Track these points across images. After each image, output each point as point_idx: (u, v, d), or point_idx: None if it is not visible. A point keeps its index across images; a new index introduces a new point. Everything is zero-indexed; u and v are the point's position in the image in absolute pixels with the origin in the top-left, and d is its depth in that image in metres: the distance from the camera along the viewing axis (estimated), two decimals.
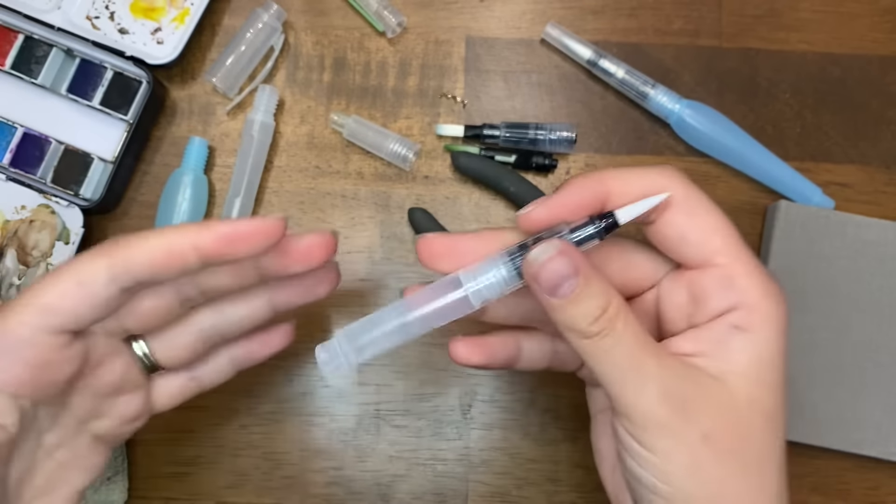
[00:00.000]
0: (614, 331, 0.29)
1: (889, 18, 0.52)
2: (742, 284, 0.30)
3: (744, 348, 0.30)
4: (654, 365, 0.29)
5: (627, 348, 0.29)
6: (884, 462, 0.48)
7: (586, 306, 0.29)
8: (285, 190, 0.50)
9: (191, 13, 0.49)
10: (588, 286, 0.29)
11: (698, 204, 0.31)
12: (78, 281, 0.30)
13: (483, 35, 0.52)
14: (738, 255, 0.30)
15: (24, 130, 0.49)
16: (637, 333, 0.29)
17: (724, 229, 0.31)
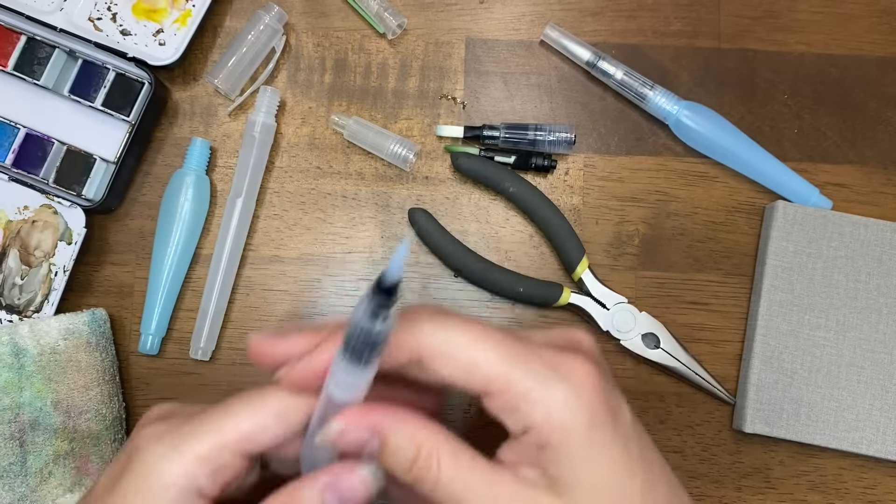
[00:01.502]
0: (431, 470, 0.28)
1: (887, 20, 0.52)
2: (521, 408, 0.28)
3: (555, 462, 0.28)
4: (485, 494, 0.28)
5: (450, 485, 0.28)
6: (882, 461, 0.48)
7: (398, 458, 0.29)
8: (286, 190, 0.50)
9: (192, 15, 0.50)
10: (391, 441, 0.29)
11: (448, 345, 0.29)
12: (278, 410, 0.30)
13: (483, 36, 0.52)
14: (509, 375, 0.28)
15: (26, 131, 0.49)
16: (459, 466, 0.28)
17: (485, 357, 0.28)
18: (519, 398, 0.28)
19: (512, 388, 0.28)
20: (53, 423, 0.45)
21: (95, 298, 0.50)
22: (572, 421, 0.28)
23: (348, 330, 0.26)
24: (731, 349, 0.50)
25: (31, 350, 0.45)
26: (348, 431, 0.28)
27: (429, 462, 0.28)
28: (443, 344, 0.29)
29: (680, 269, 0.50)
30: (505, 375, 0.28)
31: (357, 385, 0.28)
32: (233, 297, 0.49)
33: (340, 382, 0.28)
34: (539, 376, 0.28)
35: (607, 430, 0.28)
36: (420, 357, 0.29)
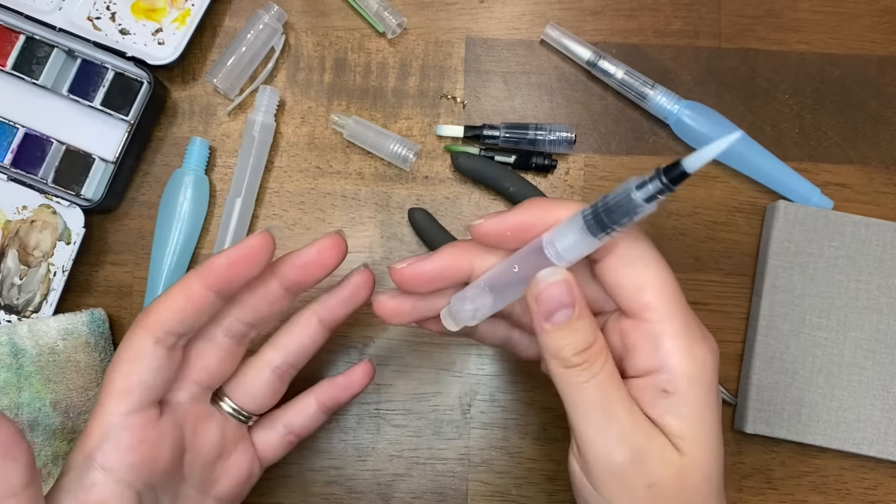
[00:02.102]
0: (593, 367, 0.30)
1: (888, 19, 0.52)
2: (666, 347, 0.30)
3: (674, 411, 0.30)
4: (621, 410, 0.30)
5: (601, 387, 0.30)
6: (883, 461, 0.48)
7: (574, 338, 0.30)
8: (286, 190, 0.50)
9: (192, 14, 0.50)
10: (580, 319, 0.30)
11: (639, 255, 0.31)
12: (130, 357, 0.34)
13: (483, 36, 0.52)
14: (668, 313, 0.30)
15: (25, 131, 0.49)
16: (612, 376, 0.31)
17: (658, 284, 0.31)
18: (667, 336, 0.30)
19: (667, 325, 0.30)
20: (52, 423, 0.44)
21: (94, 298, 0.49)
22: (702, 379, 0.30)
23: (610, 196, 0.28)
24: (731, 349, 0.50)
25: (30, 350, 0.45)
26: (560, 286, 0.30)
27: (598, 356, 0.31)
28: (633, 252, 0.31)
29: (680, 269, 0.50)
30: (666, 311, 0.30)
31: (578, 251, 0.30)
32: None
33: (568, 243, 0.30)
34: (690, 328, 0.30)
35: (716, 397, 0.31)
36: (607, 253, 0.31)
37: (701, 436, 0.30)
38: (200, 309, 0.34)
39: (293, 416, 0.41)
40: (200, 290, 0.34)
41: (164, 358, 0.34)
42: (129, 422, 0.33)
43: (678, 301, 0.31)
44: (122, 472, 0.33)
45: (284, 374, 0.39)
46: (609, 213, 0.28)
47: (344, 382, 0.42)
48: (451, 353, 0.49)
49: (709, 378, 0.30)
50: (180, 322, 0.34)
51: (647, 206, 0.27)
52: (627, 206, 0.28)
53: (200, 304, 0.34)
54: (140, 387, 0.33)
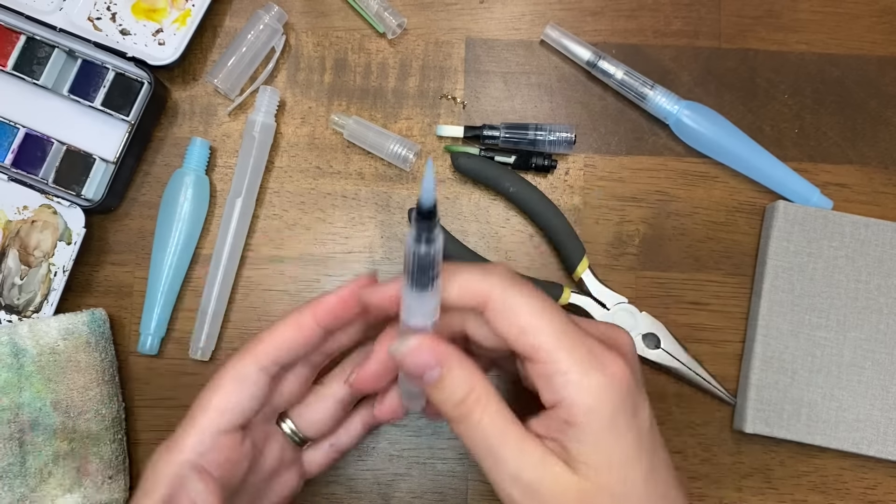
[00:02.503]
0: (472, 417, 0.32)
1: (887, 19, 0.52)
2: (558, 382, 0.31)
3: (575, 439, 0.31)
4: (507, 451, 0.32)
5: (484, 434, 0.32)
6: (882, 461, 0.48)
7: (448, 394, 0.32)
8: (286, 190, 0.50)
9: (192, 14, 0.50)
10: (450, 374, 0.32)
11: (511, 304, 0.32)
12: (234, 378, 0.36)
13: (483, 36, 0.52)
14: (553, 350, 0.31)
15: (25, 131, 0.49)
16: (496, 421, 0.32)
17: (536, 326, 0.32)
18: (558, 373, 0.31)
19: (555, 363, 0.31)
20: (53, 423, 0.44)
21: (95, 298, 0.49)
22: (599, 407, 0.31)
23: (405, 259, 0.29)
24: (731, 349, 0.50)
25: (31, 350, 0.45)
26: (416, 351, 0.32)
27: (475, 407, 0.32)
28: (508, 301, 0.32)
29: (680, 269, 0.50)
30: (553, 349, 0.31)
31: (425, 310, 0.31)
32: (233, 297, 0.49)
33: (411, 307, 0.31)
34: (581, 360, 0.31)
35: (626, 421, 0.31)
36: (485, 306, 0.32)
37: (604, 460, 0.31)
38: (308, 342, 0.36)
39: (339, 435, 0.42)
40: (311, 324, 0.36)
41: (265, 385, 0.36)
42: (220, 441, 0.35)
43: (562, 336, 0.31)
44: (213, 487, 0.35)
45: (348, 405, 0.41)
46: (419, 272, 0.29)
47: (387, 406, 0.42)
48: None
49: (609, 405, 0.31)
50: (287, 353, 0.36)
51: (430, 247, 0.28)
52: (424, 259, 0.29)
53: (310, 337, 0.36)
54: (236, 408, 0.36)
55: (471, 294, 0.33)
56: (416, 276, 0.29)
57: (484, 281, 0.32)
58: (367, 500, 0.48)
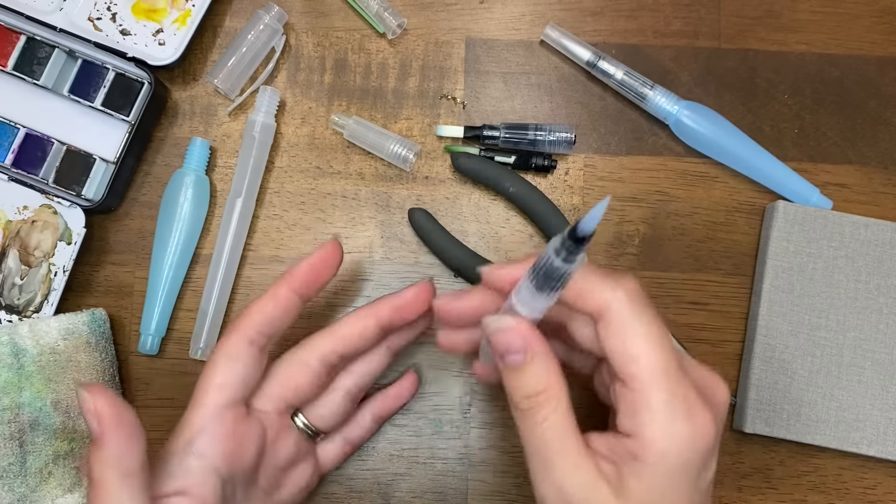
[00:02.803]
0: (538, 415, 0.32)
1: (887, 19, 0.52)
2: (643, 417, 0.31)
3: (637, 475, 0.31)
4: (561, 461, 0.32)
5: (544, 435, 0.32)
6: (882, 461, 0.48)
7: (524, 382, 0.32)
8: (286, 190, 0.50)
9: (192, 15, 0.50)
10: (531, 365, 0.32)
11: (629, 325, 0.31)
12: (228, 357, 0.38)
13: (483, 36, 0.52)
14: (651, 386, 0.31)
15: (26, 131, 0.49)
16: (559, 426, 0.32)
17: (647, 356, 0.31)
18: (648, 409, 0.31)
19: (648, 398, 0.31)
20: (53, 423, 0.44)
21: (95, 298, 0.49)
22: (673, 456, 0.30)
23: (538, 258, 0.29)
24: (731, 349, 0.50)
25: (31, 350, 0.45)
26: (510, 332, 0.32)
27: (545, 405, 0.32)
28: (626, 321, 0.31)
29: (680, 269, 0.50)
30: (650, 384, 0.31)
31: (534, 306, 0.32)
32: (233, 297, 0.49)
33: (523, 298, 0.32)
34: (673, 405, 0.31)
35: (690, 477, 0.31)
36: (601, 317, 0.32)
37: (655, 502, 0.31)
38: (287, 310, 0.39)
39: (351, 429, 0.45)
40: (286, 293, 0.39)
41: (256, 357, 0.38)
42: (223, 414, 0.37)
43: (665, 375, 0.31)
44: (214, 459, 0.36)
45: (355, 397, 0.43)
46: (544, 277, 0.30)
47: (395, 393, 0.46)
48: None
49: (683, 457, 0.30)
50: (269, 323, 0.39)
51: (570, 266, 0.29)
52: (554, 271, 0.29)
53: (286, 305, 0.39)
54: (235, 383, 0.38)
55: (592, 300, 0.32)
56: (541, 278, 0.30)
57: (610, 292, 0.32)
58: (367, 499, 0.48)
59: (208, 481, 0.36)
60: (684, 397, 0.31)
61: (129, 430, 0.33)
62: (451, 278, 0.50)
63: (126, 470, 0.33)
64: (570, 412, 0.32)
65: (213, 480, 0.36)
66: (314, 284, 0.40)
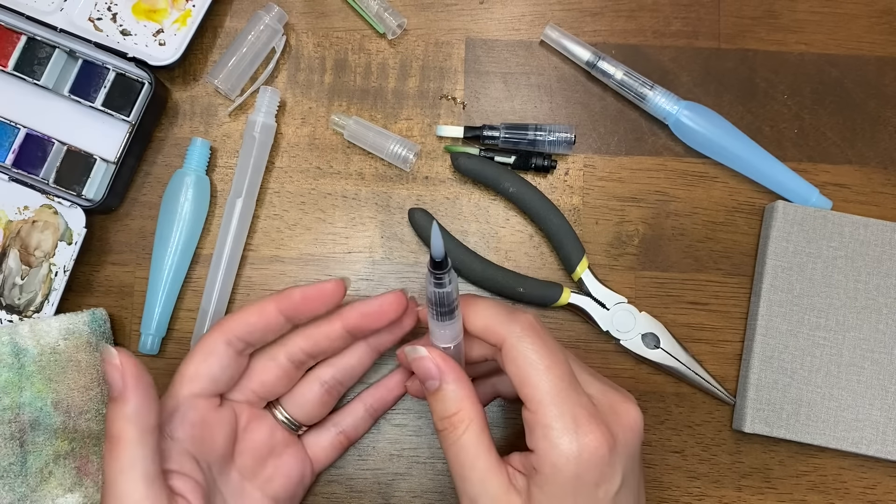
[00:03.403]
0: (452, 434, 0.36)
1: (886, 20, 0.53)
2: (538, 433, 0.35)
3: (538, 486, 0.35)
4: (476, 475, 0.35)
5: (458, 453, 0.36)
6: (882, 461, 0.48)
7: (440, 405, 0.37)
8: (286, 190, 0.50)
9: (193, 15, 0.50)
10: (446, 389, 0.36)
11: (523, 354, 0.35)
12: (204, 352, 0.39)
13: (483, 37, 0.52)
14: (542, 407, 0.35)
15: (26, 131, 0.49)
16: (472, 444, 0.36)
17: (537, 381, 0.35)
18: (541, 426, 0.34)
19: (542, 417, 0.34)
20: (54, 423, 0.45)
21: (95, 298, 0.50)
22: (561, 468, 0.34)
23: (427, 297, 0.35)
24: (730, 349, 0.50)
25: (32, 350, 0.45)
26: (425, 360, 0.37)
27: (458, 425, 0.36)
28: (519, 350, 0.36)
29: (680, 269, 0.50)
30: (544, 404, 0.35)
31: (443, 335, 0.37)
32: (233, 297, 0.49)
33: (432, 331, 0.37)
34: (562, 423, 0.34)
35: (585, 490, 0.34)
36: (501, 347, 0.36)
37: None
38: (268, 326, 0.40)
39: (342, 416, 0.46)
40: (273, 311, 0.40)
41: (232, 358, 0.40)
42: (195, 402, 0.39)
43: (557, 396, 0.35)
44: (186, 442, 0.38)
45: (332, 389, 0.44)
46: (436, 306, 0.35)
47: (387, 384, 0.47)
48: None
49: (571, 469, 0.34)
50: (249, 333, 0.40)
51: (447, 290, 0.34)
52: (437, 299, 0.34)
53: (269, 322, 0.40)
54: (208, 376, 0.39)
55: (495, 334, 0.37)
56: (435, 310, 0.35)
57: (507, 326, 0.36)
58: (367, 499, 0.48)
59: (184, 463, 0.38)
60: (573, 416, 0.34)
61: (149, 389, 0.35)
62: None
63: (145, 426, 0.35)
64: (484, 432, 0.36)
65: (190, 464, 0.38)
66: (303, 313, 0.40)
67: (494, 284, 0.48)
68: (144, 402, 0.35)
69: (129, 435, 0.34)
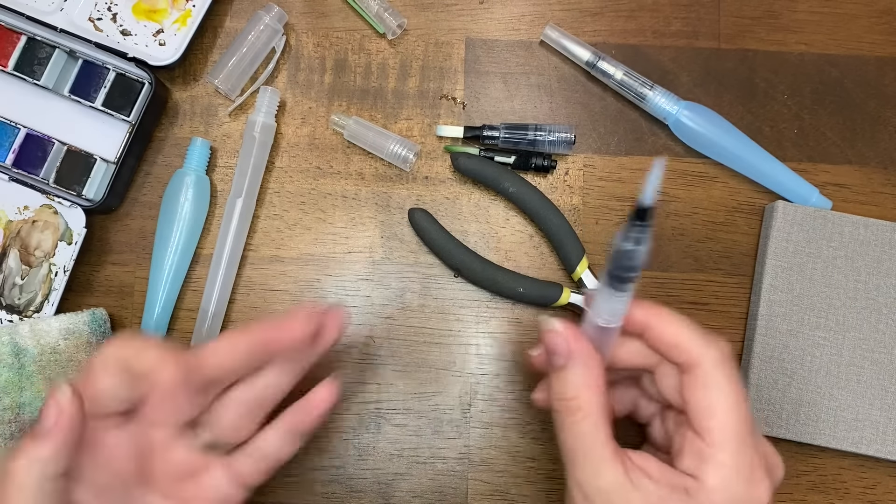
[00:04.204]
0: (569, 418, 0.34)
1: (886, 20, 0.53)
2: (708, 468, 0.33)
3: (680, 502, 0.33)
4: (583, 464, 0.34)
5: (569, 439, 0.34)
6: (882, 461, 0.48)
7: (561, 386, 0.35)
8: (286, 190, 0.50)
9: (193, 15, 0.50)
10: (569, 371, 0.35)
11: (717, 383, 0.34)
12: None
13: (483, 37, 0.52)
14: (723, 443, 0.33)
15: (26, 131, 0.49)
16: (584, 433, 0.34)
17: (725, 415, 0.33)
18: (713, 460, 0.33)
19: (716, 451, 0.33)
20: None
21: (96, 298, 0.50)
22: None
23: (610, 256, 0.32)
24: (730, 349, 0.50)
25: (32, 350, 0.45)
26: (558, 335, 0.35)
27: (575, 411, 0.34)
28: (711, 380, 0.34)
29: (680, 269, 0.50)
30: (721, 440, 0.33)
31: (612, 310, 0.34)
32: (233, 297, 0.49)
33: (598, 308, 0.34)
34: (739, 466, 0.33)
35: None
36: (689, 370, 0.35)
37: None
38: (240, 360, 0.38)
39: (262, 441, 0.41)
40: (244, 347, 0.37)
41: None
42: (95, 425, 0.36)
43: (737, 436, 0.33)
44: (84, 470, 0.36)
45: (251, 410, 0.40)
46: (617, 268, 0.32)
47: (306, 406, 0.41)
48: (451, 352, 0.49)
49: None
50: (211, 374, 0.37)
51: (639, 248, 0.31)
52: (625, 256, 0.31)
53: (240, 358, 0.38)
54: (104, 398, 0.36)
55: (687, 353, 0.35)
56: (616, 274, 0.32)
57: (704, 349, 0.35)
58: (367, 499, 0.48)
59: None
60: (750, 462, 0.33)
61: None
62: (451, 278, 0.50)
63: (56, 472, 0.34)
64: (602, 423, 0.34)
65: None
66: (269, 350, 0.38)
67: (494, 284, 0.48)
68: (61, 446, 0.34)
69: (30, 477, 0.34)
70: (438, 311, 0.49)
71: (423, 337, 0.49)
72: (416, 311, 0.50)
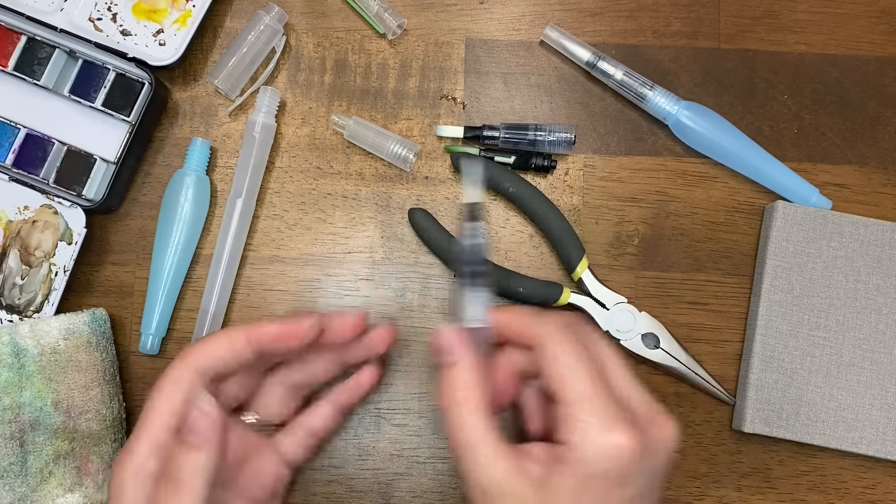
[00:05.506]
0: (455, 410, 0.36)
1: (886, 20, 0.53)
2: (572, 429, 0.35)
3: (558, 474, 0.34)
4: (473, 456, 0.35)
5: (458, 433, 0.36)
6: (881, 461, 0.48)
7: (448, 381, 0.37)
8: (287, 190, 0.50)
9: (193, 15, 0.50)
10: (455, 368, 0.37)
11: (560, 351, 0.36)
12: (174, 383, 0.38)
13: (483, 37, 0.52)
14: (580, 405, 0.35)
15: (26, 131, 0.49)
16: (472, 426, 0.36)
17: (573, 379, 0.35)
18: (575, 420, 0.35)
19: (577, 412, 0.35)
20: (54, 423, 0.45)
21: (96, 298, 0.50)
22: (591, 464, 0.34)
23: (456, 259, 0.35)
24: (730, 349, 0.50)
25: (32, 350, 0.45)
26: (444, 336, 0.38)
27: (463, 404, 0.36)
28: (556, 352, 0.36)
29: (680, 269, 0.50)
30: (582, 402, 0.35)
31: (471, 310, 0.38)
32: (233, 297, 0.49)
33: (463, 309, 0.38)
34: (600, 419, 0.34)
35: (608, 488, 0.34)
36: (537, 347, 0.37)
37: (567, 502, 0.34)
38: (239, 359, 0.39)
39: (309, 419, 0.45)
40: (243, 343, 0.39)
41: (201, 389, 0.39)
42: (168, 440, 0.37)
43: (596, 393, 0.35)
44: None
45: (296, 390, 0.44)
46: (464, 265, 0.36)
47: (353, 384, 0.46)
48: None
49: (598, 465, 0.34)
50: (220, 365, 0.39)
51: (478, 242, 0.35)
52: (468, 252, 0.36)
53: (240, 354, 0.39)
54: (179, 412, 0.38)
55: (528, 333, 0.37)
56: (466, 272, 0.36)
57: (540, 325, 0.37)
58: (368, 499, 0.48)
59: None
60: (609, 415, 0.34)
61: None
62: (451, 278, 0.50)
63: None
64: (488, 417, 0.36)
65: None
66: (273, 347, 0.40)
67: (494, 285, 0.48)
68: None
69: None
70: (438, 311, 0.49)
71: (423, 337, 0.49)
72: (416, 311, 0.50)
